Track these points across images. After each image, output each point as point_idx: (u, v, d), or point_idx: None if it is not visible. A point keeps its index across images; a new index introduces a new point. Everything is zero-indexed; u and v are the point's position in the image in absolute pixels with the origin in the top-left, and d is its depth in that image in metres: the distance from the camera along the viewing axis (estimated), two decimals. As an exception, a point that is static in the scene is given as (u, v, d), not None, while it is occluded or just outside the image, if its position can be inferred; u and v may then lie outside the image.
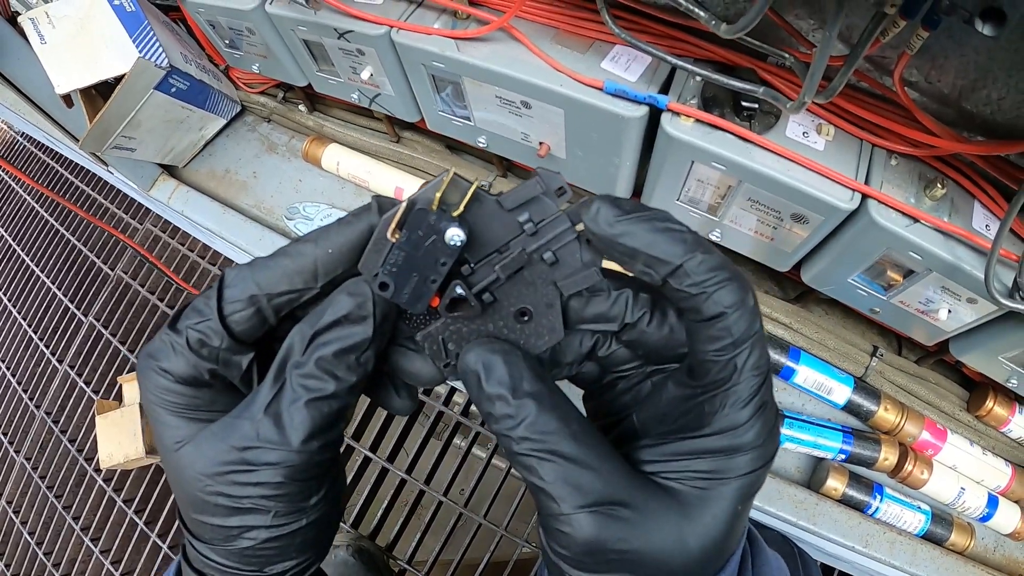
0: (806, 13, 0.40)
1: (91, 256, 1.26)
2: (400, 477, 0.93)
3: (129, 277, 1.20)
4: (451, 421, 0.94)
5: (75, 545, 1.07)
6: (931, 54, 0.39)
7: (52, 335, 1.23)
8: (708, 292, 0.17)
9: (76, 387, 1.15)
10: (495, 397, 0.19)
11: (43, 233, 1.35)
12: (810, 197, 0.39)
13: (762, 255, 0.47)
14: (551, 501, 0.18)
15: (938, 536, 0.52)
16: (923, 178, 0.42)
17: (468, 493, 0.91)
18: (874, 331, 0.60)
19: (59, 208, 1.35)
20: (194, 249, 1.17)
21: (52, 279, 1.28)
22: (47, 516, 1.11)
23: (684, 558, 0.18)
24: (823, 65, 0.30)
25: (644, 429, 0.21)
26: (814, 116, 0.42)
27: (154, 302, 1.16)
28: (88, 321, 1.20)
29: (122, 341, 1.16)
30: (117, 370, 1.14)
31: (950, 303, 0.43)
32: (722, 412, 0.18)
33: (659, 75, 0.41)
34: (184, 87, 0.63)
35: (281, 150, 0.74)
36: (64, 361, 1.18)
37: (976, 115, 0.41)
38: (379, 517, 0.94)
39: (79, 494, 1.10)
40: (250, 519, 0.21)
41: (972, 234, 0.40)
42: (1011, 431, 0.54)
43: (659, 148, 0.41)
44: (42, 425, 1.16)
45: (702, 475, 0.19)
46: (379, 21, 0.45)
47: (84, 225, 1.31)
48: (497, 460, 0.93)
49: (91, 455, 1.11)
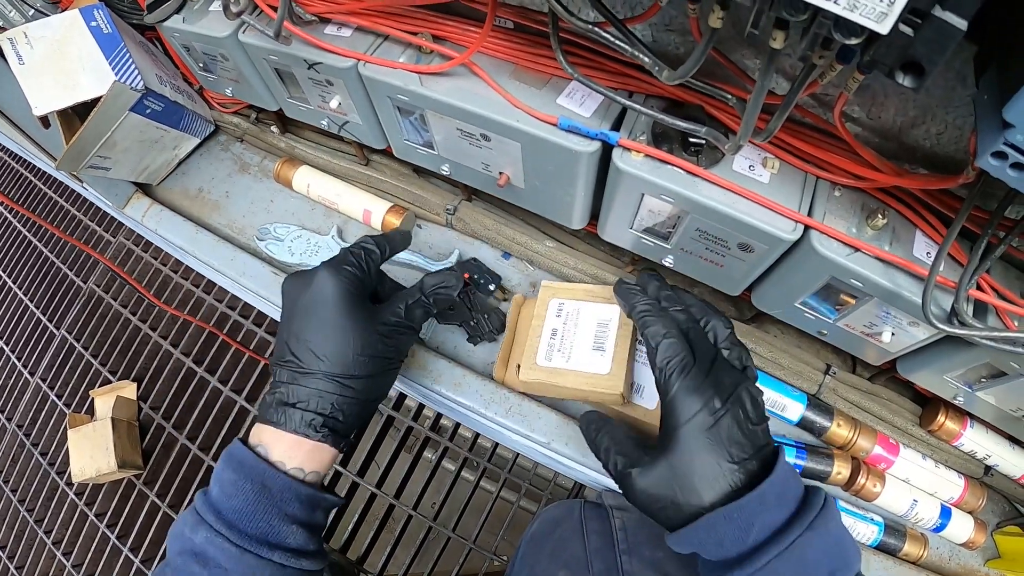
0: (752, 53, 0.42)
1: (64, 268, 1.25)
2: (370, 491, 0.93)
3: (102, 291, 1.19)
4: (421, 436, 0.94)
5: (47, 559, 1.06)
6: (871, 92, 0.41)
7: (24, 348, 1.21)
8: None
9: (48, 400, 1.14)
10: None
11: (15, 244, 1.33)
12: (754, 228, 0.41)
13: (714, 280, 0.49)
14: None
15: (891, 547, 0.54)
16: (865, 208, 0.44)
17: (438, 507, 0.92)
18: (828, 350, 0.62)
19: (32, 220, 1.33)
20: (167, 263, 1.17)
21: (24, 291, 1.26)
22: (19, 529, 1.09)
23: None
24: (756, 112, 0.32)
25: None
26: (760, 150, 0.44)
27: (126, 316, 1.15)
28: (60, 334, 1.18)
29: (94, 355, 1.15)
30: (89, 384, 1.13)
31: (893, 326, 0.45)
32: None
33: (612, 111, 0.42)
34: (159, 108, 0.64)
35: (253, 170, 0.75)
36: (36, 374, 1.17)
37: (917, 148, 0.43)
38: (349, 531, 0.95)
39: (51, 508, 1.08)
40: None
41: (911, 262, 0.41)
42: (963, 444, 0.56)
43: (611, 181, 0.43)
44: (13, 438, 1.15)
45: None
46: (346, 54, 0.46)
47: (57, 238, 1.30)
48: (466, 473, 0.94)
49: (63, 468, 1.10)
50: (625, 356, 0.48)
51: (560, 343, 0.50)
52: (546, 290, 0.54)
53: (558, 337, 0.51)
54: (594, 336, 0.50)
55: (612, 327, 0.49)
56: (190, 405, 1.05)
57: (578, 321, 0.51)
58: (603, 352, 0.48)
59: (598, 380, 0.47)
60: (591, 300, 0.52)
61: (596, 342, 0.49)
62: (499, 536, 0.86)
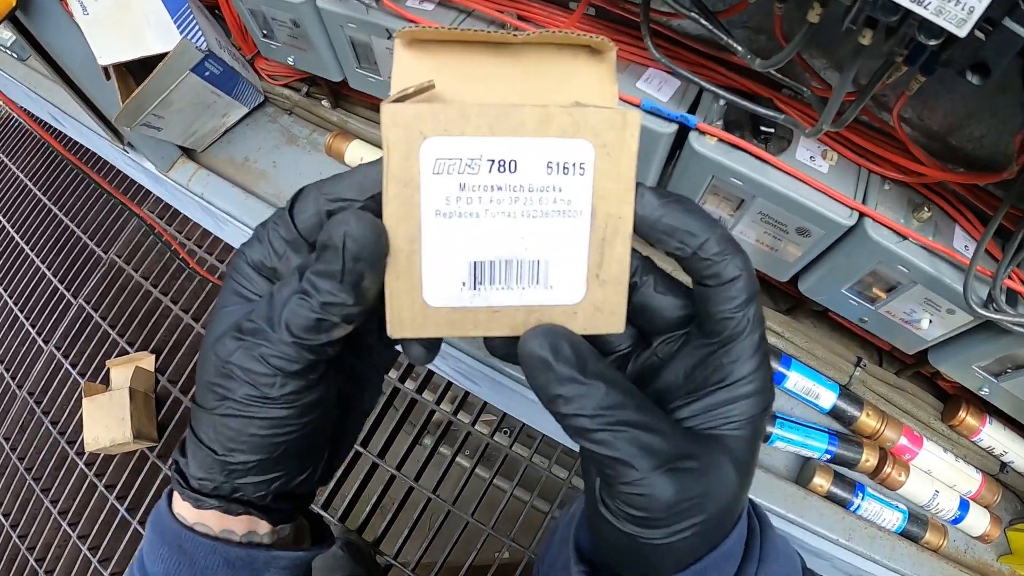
0: (819, 54, 0.45)
1: (84, 237, 1.25)
2: (390, 474, 0.94)
3: (123, 261, 1.20)
4: (443, 421, 0.96)
5: (52, 529, 1.05)
6: (924, 96, 0.44)
7: (39, 315, 1.21)
8: (727, 259, 0.21)
9: (62, 369, 1.14)
10: (566, 379, 0.20)
11: (35, 212, 1.33)
12: (815, 213, 0.44)
13: (764, 265, 0.52)
14: (628, 468, 0.20)
15: (914, 534, 0.57)
16: (911, 203, 0.47)
17: (453, 498, 0.93)
18: (857, 344, 0.65)
19: (54, 187, 1.33)
20: (191, 237, 1.18)
21: (42, 259, 1.26)
22: (24, 499, 1.09)
23: (734, 489, 0.22)
24: (840, 99, 0.34)
25: (670, 393, 0.24)
26: (820, 143, 0.47)
27: (147, 287, 1.15)
28: (78, 303, 1.18)
29: (112, 325, 1.15)
30: (106, 354, 1.13)
31: (932, 314, 0.48)
32: (739, 363, 0.22)
33: (687, 98, 0.45)
34: (217, 72, 0.65)
35: (302, 143, 0.77)
36: (50, 342, 1.16)
37: (959, 150, 0.46)
38: (367, 513, 0.95)
39: (59, 477, 1.08)
40: (232, 384, 0.22)
41: (953, 252, 0.45)
42: (982, 440, 0.59)
43: (684, 162, 0.45)
44: (23, 405, 1.14)
45: (737, 418, 0.22)
46: (431, 24, 0.48)
47: (79, 206, 1.30)
48: (480, 470, 0.95)
49: (73, 438, 1.09)
50: (626, 263, 0.22)
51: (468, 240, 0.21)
52: (404, 67, 0.23)
53: (459, 229, 0.21)
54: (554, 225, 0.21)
55: (585, 189, 0.21)
56: (209, 379, 1.06)
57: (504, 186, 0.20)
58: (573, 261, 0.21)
59: (567, 314, 0.22)
60: (528, 127, 0.20)
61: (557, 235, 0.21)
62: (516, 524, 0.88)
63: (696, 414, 0.23)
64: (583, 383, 0.20)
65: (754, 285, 0.22)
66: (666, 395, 0.24)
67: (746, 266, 0.21)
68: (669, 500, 0.20)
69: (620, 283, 0.22)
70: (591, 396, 0.20)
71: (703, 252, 0.21)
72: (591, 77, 0.23)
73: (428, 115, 0.19)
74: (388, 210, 0.20)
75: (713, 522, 0.21)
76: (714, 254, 0.21)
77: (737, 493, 0.22)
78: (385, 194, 0.20)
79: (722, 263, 0.21)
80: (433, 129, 0.19)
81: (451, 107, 0.19)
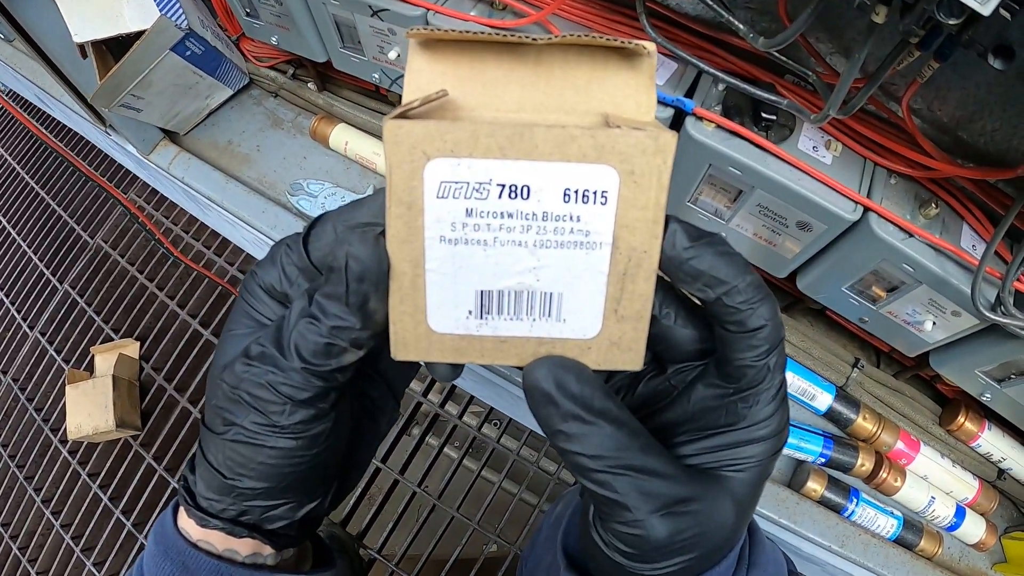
0: (826, 37, 0.42)
1: (71, 222, 1.23)
2: (375, 466, 0.93)
3: (109, 247, 1.17)
4: (430, 412, 0.94)
5: (35, 517, 1.04)
6: (935, 85, 0.42)
7: (24, 300, 1.19)
8: (754, 308, 0.19)
9: (46, 355, 1.12)
10: (569, 415, 0.19)
11: (22, 196, 1.30)
12: (818, 206, 0.41)
13: (761, 261, 0.50)
14: (624, 511, 0.19)
15: (909, 541, 0.55)
16: (918, 198, 0.45)
17: (440, 491, 0.92)
18: (855, 344, 0.63)
19: (41, 171, 1.31)
20: (178, 223, 1.15)
21: (28, 242, 1.24)
22: (7, 487, 1.07)
23: (731, 529, 0.21)
24: (850, 82, 0.32)
25: (678, 426, 0.23)
26: (823, 132, 0.44)
27: (133, 273, 1.13)
28: (63, 288, 1.16)
29: (97, 311, 1.13)
30: (91, 340, 1.11)
31: (935, 316, 0.46)
32: (755, 408, 0.20)
33: (684, 82, 0.43)
34: (199, 52, 0.62)
35: (287, 126, 0.74)
36: (35, 328, 1.15)
37: (970, 144, 0.44)
38: (350, 506, 0.94)
39: (42, 465, 1.06)
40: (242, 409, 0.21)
41: (961, 251, 0.42)
42: (980, 446, 0.58)
43: (679, 149, 0.43)
44: (8, 391, 1.13)
45: (745, 461, 0.21)
46: (416, 3, 0.45)
47: (66, 190, 1.28)
48: (468, 462, 0.94)
49: (57, 426, 1.08)
50: (648, 299, 0.19)
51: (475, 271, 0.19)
52: (417, 70, 0.21)
53: (465, 256, 0.19)
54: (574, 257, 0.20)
55: (607, 219, 0.18)
56: (194, 368, 1.04)
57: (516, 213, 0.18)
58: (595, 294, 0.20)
59: (580, 348, 0.20)
60: (543, 150, 0.18)
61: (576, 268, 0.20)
62: (503, 519, 0.86)
63: (703, 452, 0.21)
64: (587, 422, 0.19)
65: (779, 332, 0.20)
66: (673, 426, 0.23)
67: (773, 315, 0.20)
68: (662, 541, 0.19)
69: (641, 319, 0.20)
70: (594, 436, 0.19)
71: (728, 299, 0.19)
72: (624, 85, 0.21)
73: (434, 134, 0.17)
74: (391, 232, 0.18)
75: (705, 557, 0.21)
76: (740, 302, 0.19)
77: (733, 532, 0.21)
78: (387, 215, 0.18)
79: (747, 312, 0.19)
80: (439, 150, 0.17)
81: (459, 126, 0.17)
